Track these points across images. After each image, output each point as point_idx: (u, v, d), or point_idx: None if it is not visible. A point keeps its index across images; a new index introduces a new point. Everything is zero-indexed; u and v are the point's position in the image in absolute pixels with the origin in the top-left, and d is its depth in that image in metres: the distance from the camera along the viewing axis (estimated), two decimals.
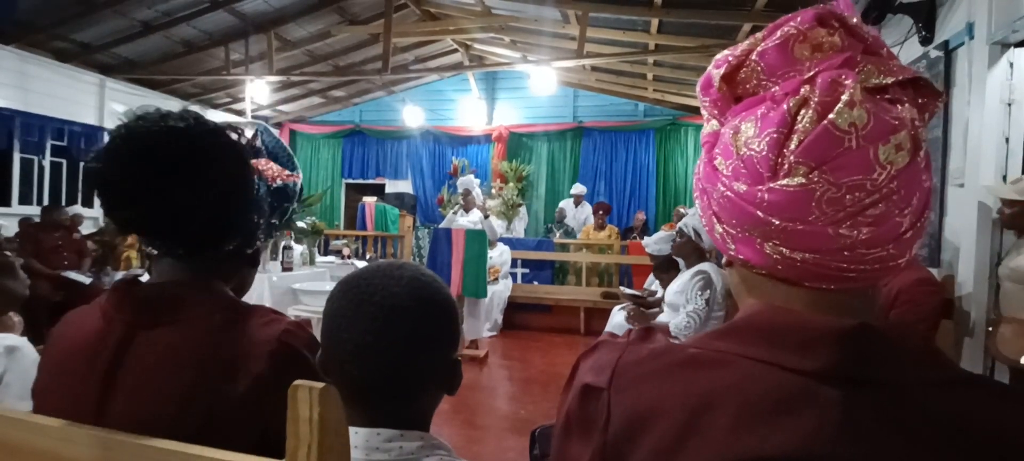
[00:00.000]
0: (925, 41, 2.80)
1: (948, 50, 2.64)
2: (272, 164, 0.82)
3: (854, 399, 0.42)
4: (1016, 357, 1.96)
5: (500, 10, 5.92)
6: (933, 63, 2.73)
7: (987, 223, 2.30)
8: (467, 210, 5.77)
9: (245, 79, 6.59)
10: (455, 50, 7.73)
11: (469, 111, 8.85)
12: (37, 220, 5.12)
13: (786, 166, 0.44)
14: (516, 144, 8.86)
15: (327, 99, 9.05)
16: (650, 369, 0.48)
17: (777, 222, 0.45)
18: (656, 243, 3.37)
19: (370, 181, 9.43)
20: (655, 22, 4.83)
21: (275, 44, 6.25)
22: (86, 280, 4.91)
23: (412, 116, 8.43)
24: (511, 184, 8.35)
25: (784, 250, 0.46)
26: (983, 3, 2.31)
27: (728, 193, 0.48)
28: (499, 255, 5.95)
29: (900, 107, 0.45)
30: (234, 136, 0.73)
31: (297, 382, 0.45)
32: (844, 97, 0.43)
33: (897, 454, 0.40)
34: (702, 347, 0.48)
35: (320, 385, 0.45)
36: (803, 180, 0.43)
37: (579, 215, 7.50)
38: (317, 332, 0.68)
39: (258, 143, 0.85)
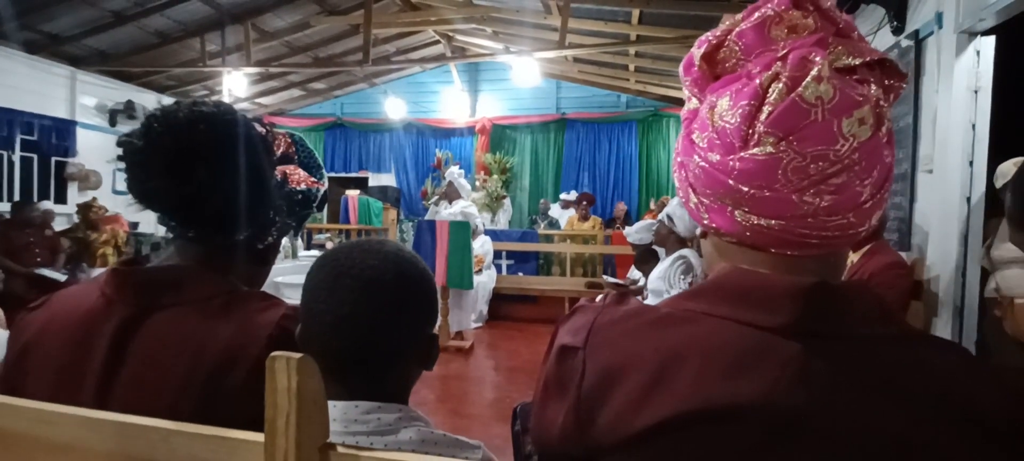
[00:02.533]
0: (897, 31, 2.87)
1: (918, 39, 2.71)
2: (300, 171, 0.84)
3: (812, 351, 0.44)
4: None
5: (482, 0, 5.89)
6: (904, 52, 2.80)
7: (955, 208, 2.38)
8: (450, 202, 5.75)
9: (222, 71, 6.47)
10: (437, 41, 7.68)
11: (452, 103, 8.81)
12: (7, 217, 4.98)
13: (756, 136, 0.47)
14: (499, 136, 8.86)
15: (308, 92, 8.92)
16: (623, 328, 0.50)
17: (746, 189, 0.48)
18: (637, 232, 3.42)
19: (353, 174, 9.35)
20: (636, 13, 4.86)
21: (252, 35, 6.14)
22: (61, 277, 4.79)
23: (394, 109, 8.37)
24: (495, 176, 8.35)
25: (752, 218, 0.49)
26: None
27: (703, 163, 0.51)
28: (480, 245, 5.95)
29: (867, 87, 0.47)
30: (261, 129, 0.76)
31: (274, 354, 0.46)
32: (812, 72, 0.45)
33: (853, 402, 0.43)
34: (673, 307, 0.51)
35: (297, 355, 0.45)
36: (771, 149, 0.46)
37: (565, 216, 7.53)
38: None
39: (292, 152, 0.87)
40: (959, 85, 2.35)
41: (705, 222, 0.54)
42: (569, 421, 0.48)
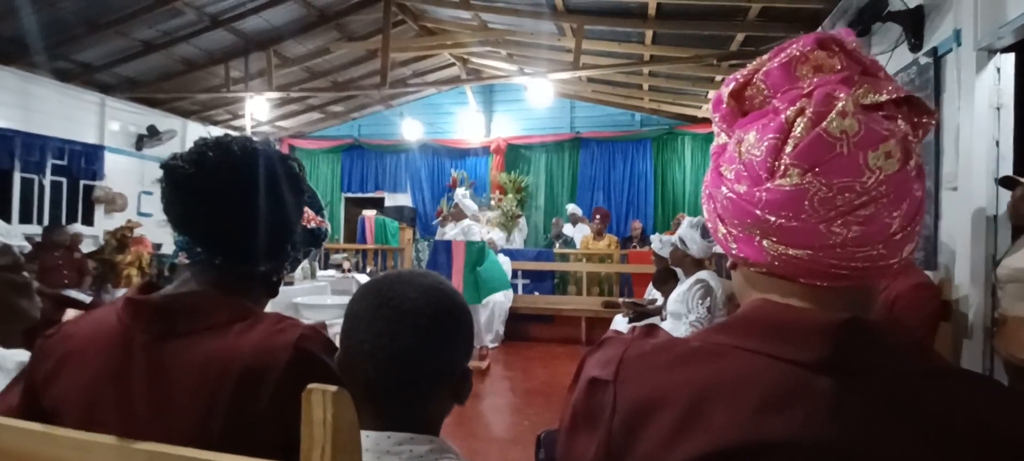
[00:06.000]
0: (914, 48, 2.85)
1: (937, 56, 2.68)
2: (307, 209, 0.89)
3: (845, 388, 0.44)
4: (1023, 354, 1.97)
5: (496, 24, 5.99)
6: (923, 70, 2.77)
7: (982, 225, 2.33)
8: (457, 221, 5.79)
9: (245, 96, 6.64)
10: (452, 64, 7.81)
11: (467, 124, 8.92)
12: (38, 239, 5.14)
13: (782, 168, 0.48)
14: (514, 156, 8.92)
15: (326, 114, 9.11)
16: (654, 362, 0.50)
17: (773, 219, 0.48)
18: (663, 243, 3.39)
19: (369, 195, 9.47)
20: (649, 33, 4.90)
21: (274, 61, 6.32)
22: (87, 298, 4.89)
23: (410, 130, 8.49)
24: (510, 195, 8.38)
25: (781, 248, 0.49)
26: (969, 10, 2.36)
27: (731, 195, 0.52)
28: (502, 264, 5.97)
29: (893, 122, 0.48)
30: (297, 169, 0.81)
31: (311, 386, 0.47)
32: (837, 107, 0.46)
33: (886, 439, 0.43)
34: (703, 341, 0.51)
35: (333, 388, 0.46)
36: (797, 180, 0.47)
37: (578, 234, 7.51)
38: (332, 334, 0.71)
39: None
40: (981, 102, 2.32)
41: (734, 252, 0.54)
42: (600, 455, 0.49)
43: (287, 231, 0.78)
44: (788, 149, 0.48)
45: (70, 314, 1.21)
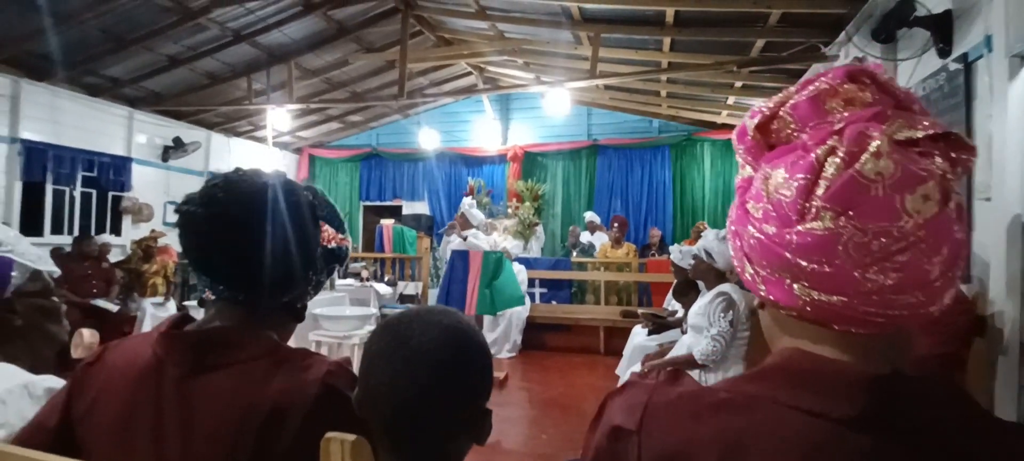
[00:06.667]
0: (942, 53, 2.77)
1: (967, 63, 2.60)
2: (327, 227, 0.88)
3: (884, 446, 0.42)
4: None
5: (513, 34, 6.01)
6: (952, 76, 2.69)
7: (1017, 236, 2.24)
8: (463, 229, 5.77)
9: (266, 108, 6.77)
10: (469, 73, 7.85)
11: (484, 132, 8.94)
12: (67, 250, 5.29)
13: (813, 210, 0.46)
14: (531, 163, 8.91)
15: (345, 124, 9.23)
16: (680, 412, 0.48)
17: (805, 264, 0.46)
18: (682, 254, 3.34)
19: (387, 203, 9.56)
20: (668, 40, 4.86)
21: (295, 73, 6.43)
22: (114, 308, 5.04)
23: (428, 138, 8.55)
24: (527, 203, 8.37)
25: (813, 293, 0.47)
26: (1000, 15, 2.28)
27: (758, 235, 0.50)
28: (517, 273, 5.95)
29: (930, 160, 0.46)
30: (310, 196, 0.80)
31: (330, 435, 0.46)
32: (871, 147, 0.44)
33: None
34: (732, 391, 0.49)
35: (352, 437, 0.46)
36: (830, 224, 0.45)
37: (595, 242, 7.45)
38: (350, 346, 0.71)
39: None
40: (1015, 110, 2.24)
41: (762, 293, 0.52)
42: None
43: (305, 260, 0.78)
44: (819, 191, 0.46)
45: (87, 335, 1.23)
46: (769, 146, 0.54)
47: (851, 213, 0.44)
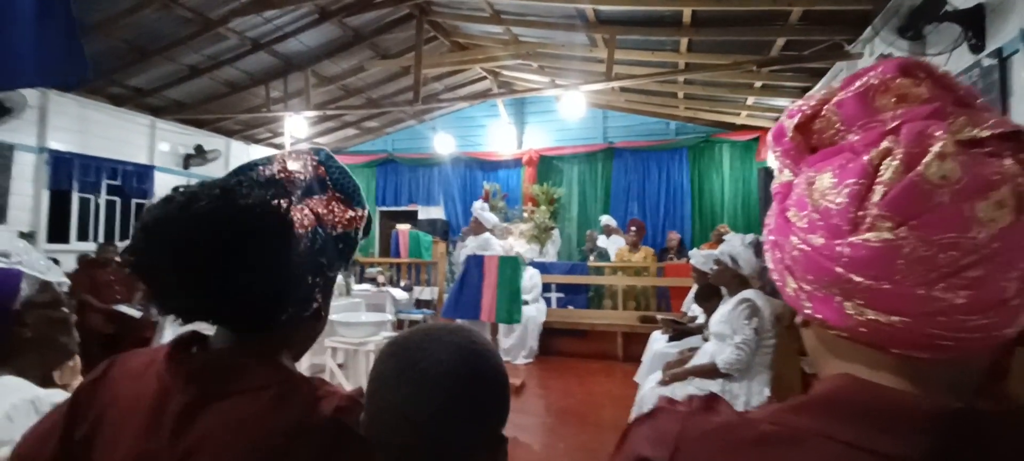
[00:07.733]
0: (975, 49, 2.67)
1: (1002, 58, 2.50)
2: (335, 205, 0.77)
3: None
4: None
5: (527, 37, 5.99)
6: (987, 72, 2.59)
7: None
8: (476, 234, 5.73)
9: (284, 115, 6.85)
10: (484, 78, 7.85)
11: (499, 136, 8.93)
12: (92, 257, 5.39)
13: (868, 220, 0.41)
14: (547, 167, 8.87)
15: (361, 130, 9.31)
16: (717, 446, 0.44)
17: (859, 279, 0.41)
18: (704, 258, 3.26)
19: (403, 208, 9.59)
20: (685, 41, 4.78)
21: (312, 81, 6.49)
22: (136, 313, 5.11)
23: (443, 143, 8.56)
24: (543, 207, 8.33)
25: (868, 312, 0.42)
26: None
27: (803, 246, 0.45)
28: (529, 278, 5.89)
29: (1000, 162, 0.40)
30: (273, 204, 0.67)
31: None
32: (934, 149, 0.39)
33: None
34: (777, 423, 0.44)
35: None
36: (888, 235, 0.40)
37: (611, 246, 7.37)
38: (366, 352, 0.66)
39: (322, 174, 0.80)
40: None
41: (807, 311, 0.47)
42: None
43: (283, 278, 0.68)
44: (875, 198, 0.41)
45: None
46: (811, 148, 0.49)
47: (913, 223, 0.39)
